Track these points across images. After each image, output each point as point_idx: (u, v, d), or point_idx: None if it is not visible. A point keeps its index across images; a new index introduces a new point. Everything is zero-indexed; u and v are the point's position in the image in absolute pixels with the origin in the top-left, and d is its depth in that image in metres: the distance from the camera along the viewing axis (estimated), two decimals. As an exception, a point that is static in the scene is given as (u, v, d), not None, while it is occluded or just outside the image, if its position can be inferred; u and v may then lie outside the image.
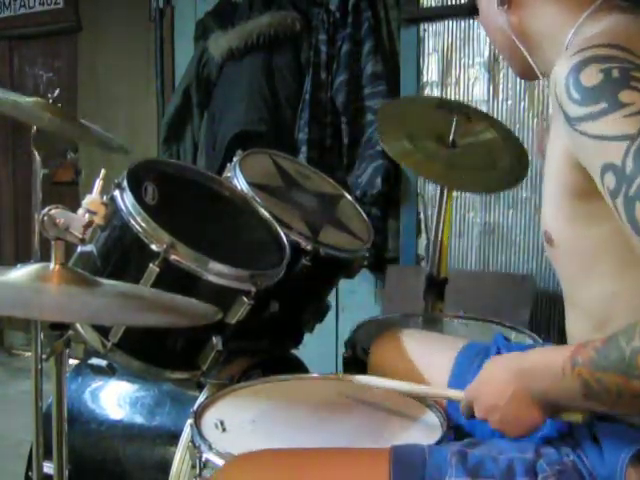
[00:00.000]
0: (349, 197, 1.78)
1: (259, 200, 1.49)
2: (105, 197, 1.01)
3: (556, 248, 0.96)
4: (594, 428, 0.94)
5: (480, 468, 0.92)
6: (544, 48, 0.99)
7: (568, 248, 0.94)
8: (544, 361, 0.89)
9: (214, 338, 1.30)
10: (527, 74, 1.07)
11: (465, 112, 1.86)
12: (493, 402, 0.94)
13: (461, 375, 1.24)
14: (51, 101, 1.53)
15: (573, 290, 0.99)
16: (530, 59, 1.02)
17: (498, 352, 1.24)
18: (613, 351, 0.78)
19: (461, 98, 2.62)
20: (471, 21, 2.57)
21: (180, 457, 1.28)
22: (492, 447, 0.98)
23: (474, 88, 2.60)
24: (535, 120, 2.49)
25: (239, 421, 1.16)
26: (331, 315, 1.71)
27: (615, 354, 0.77)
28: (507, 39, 1.02)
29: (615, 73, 0.78)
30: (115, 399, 1.47)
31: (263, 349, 1.57)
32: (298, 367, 1.61)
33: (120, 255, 1.30)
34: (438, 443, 1.06)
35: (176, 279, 1.23)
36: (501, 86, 2.55)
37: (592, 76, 0.79)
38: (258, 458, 1.01)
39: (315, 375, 1.43)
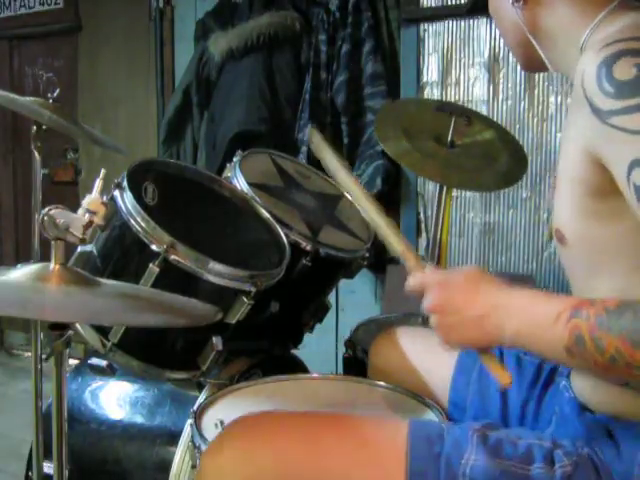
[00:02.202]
0: (349, 197, 1.78)
1: (259, 200, 1.49)
2: (105, 197, 1.02)
3: (569, 247, 0.95)
4: (610, 427, 0.93)
5: (500, 449, 0.92)
6: (558, 45, 0.98)
7: (582, 247, 0.93)
8: (533, 304, 0.86)
9: (214, 338, 1.30)
10: (534, 67, 1.06)
11: (465, 115, 1.86)
12: (454, 306, 0.91)
13: (464, 372, 1.24)
14: (51, 101, 1.53)
15: (582, 288, 0.97)
16: (543, 55, 1.00)
17: (500, 349, 1.24)
18: (628, 317, 0.76)
19: (461, 98, 2.62)
20: (471, 21, 2.57)
21: (180, 457, 1.28)
22: (510, 432, 0.98)
23: (474, 88, 2.60)
24: (535, 120, 2.49)
25: (239, 421, 1.16)
26: (331, 315, 1.71)
27: (628, 320, 0.76)
28: (520, 34, 1.01)
29: None
30: (115, 399, 1.47)
31: (263, 349, 1.57)
32: (298, 367, 1.61)
33: (120, 255, 1.30)
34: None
35: (176, 279, 1.23)
36: (501, 86, 2.55)
37: (626, 69, 0.78)
38: (272, 417, 1.01)
39: (315, 375, 1.43)
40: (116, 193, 1.26)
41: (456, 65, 2.62)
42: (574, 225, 0.92)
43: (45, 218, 0.93)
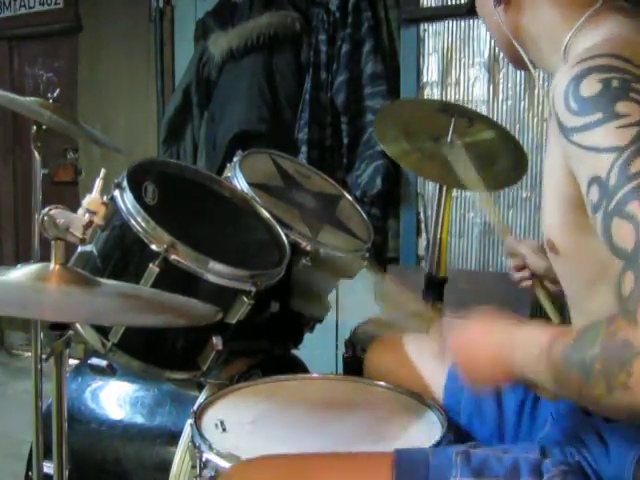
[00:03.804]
0: (349, 197, 1.78)
1: (259, 200, 1.49)
2: (105, 197, 1.01)
3: (561, 258, 0.94)
4: (600, 429, 0.93)
5: (485, 468, 0.92)
6: (541, 47, 0.99)
7: (574, 258, 0.92)
8: (528, 340, 0.86)
9: (214, 338, 1.30)
10: (523, 67, 1.06)
11: (467, 116, 1.85)
12: (471, 345, 0.93)
13: (458, 378, 1.24)
14: (51, 101, 1.53)
15: (579, 300, 0.96)
16: (526, 57, 1.01)
17: None
18: (579, 349, 0.73)
19: (461, 98, 2.62)
20: (471, 21, 2.57)
21: (180, 457, 1.28)
22: (497, 447, 0.98)
23: (474, 88, 2.60)
24: (535, 120, 2.49)
25: (239, 421, 1.16)
26: (331, 315, 1.71)
27: (579, 354, 0.73)
28: (504, 35, 1.02)
29: (615, 83, 0.76)
30: (115, 399, 1.47)
31: (263, 349, 1.57)
32: (298, 367, 1.61)
33: (120, 255, 1.30)
34: (438, 443, 1.06)
35: (176, 279, 1.23)
36: (501, 86, 2.55)
37: (591, 86, 0.77)
38: (260, 465, 1.00)
39: (315, 375, 1.43)
40: (116, 193, 1.26)
41: (456, 65, 2.62)
42: (564, 237, 0.91)
43: (45, 218, 0.93)
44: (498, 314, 0.94)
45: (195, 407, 1.20)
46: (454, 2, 2.62)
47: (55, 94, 1.55)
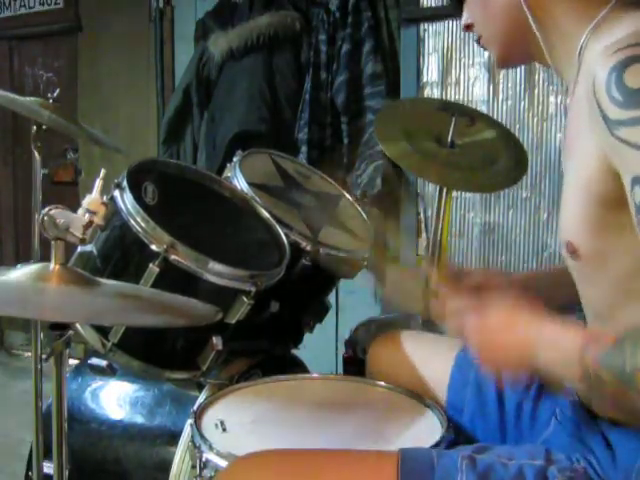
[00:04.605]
0: (349, 197, 1.78)
1: (259, 200, 1.49)
2: (105, 197, 1.01)
3: (583, 262, 0.89)
4: (607, 433, 0.93)
5: (490, 473, 0.91)
6: (554, 35, 0.94)
7: (600, 261, 0.87)
8: (557, 341, 0.85)
9: (214, 338, 1.30)
10: (512, 60, 1.04)
11: (468, 115, 1.85)
12: (493, 332, 0.92)
13: (461, 374, 1.24)
14: (51, 101, 1.53)
15: (605, 306, 0.92)
16: (542, 41, 0.94)
17: None
18: (618, 357, 0.74)
19: (461, 98, 2.62)
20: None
21: (180, 457, 1.28)
22: (501, 452, 0.97)
23: (474, 88, 2.60)
24: (535, 120, 2.49)
25: (239, 421, 1.16)
26: (331, 315, 1.71)
27: (618, 361, 0.74)
28: (513, 19, 0.95)
29: None
30: (115, 399, 1.47)
31: (263, 349, 1.57)
32: (298, 367, 1.61)
33: (120, 255, 1.30)
34: (438, 443, 1.06)
35: (176, 279, 1.23)
36: (501, 86, 2.55)
37: (636, 76, 0.74)
38: (262, 459, 1.00)
39: (315, 375, 1.43)
40: (116, 193, 1.26)
41: (456, 65, 2.62)
42: (588, 238, 0.87)
43: (45, 218, 0.93)
44: (522, 303, 0.92)
45: (195, 407, 1.20)
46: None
47: (55, 94, 1.55)
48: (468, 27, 1.04)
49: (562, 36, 0.93)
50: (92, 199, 0.98)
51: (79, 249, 1.30)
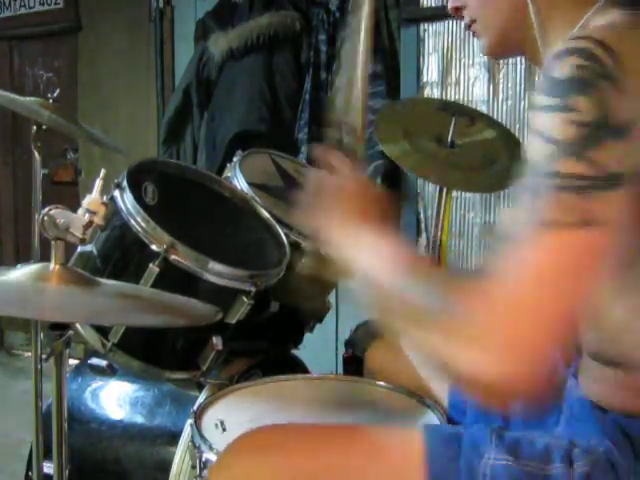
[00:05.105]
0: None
1: (259, 200, 1.49)
2: (105, 197, 1.02)
3: None
4: (625, 425, 0.91)
5: (518, 449, 0.90)
6: (548, 30, 0.92)
7: None
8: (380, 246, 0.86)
9: (214, 338, 1.30)
10: (505, 51, 1.03)
11: (468, 115, 1.85)
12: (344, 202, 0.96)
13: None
14: (51, 101, 1.53)
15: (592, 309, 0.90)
16: (538, 35, 0.93)
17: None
18: (429, 289, 0.76)
19: (461, 98, 2.62)
20: (471, 21, 2.56)
21: (180, 457, 1.28)
22: (525, 432, 0.96)
23: (474, 88, 2.60)
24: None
25: (239, 421, 1.16)
26: (331, 315, 1.71)
27: (427, 295, 0.75)
28: (514, 7, 0.93)
29: (585, 73, 0.72)
30: (115, 399, 1.47)
31: (263, 349, 1.57)
32: (298, 367, 1.60)
33: (120, 255, 1.30)
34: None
35: (176, 279, 1.23)
36: (501, 86, 2.55)
37: (564, 68, 0.73)
38: (281, 429, 1.00)
39: (315, 375, 1.43)
40: (116, 193, 1.26)
41: (456, 65, 2.62)
42: None
43: (45, 218, 0.93)
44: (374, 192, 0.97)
45: (195, 407, 1.20)
46: (454, 2, 2.61)
47: (55, 94, 1.55)
48: (457, 10, 1.02)
49: (555, 31, 0.92)
50: (92, 199, 0.99)
51: (79, 249, 1.31)
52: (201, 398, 1.31)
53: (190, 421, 1.15)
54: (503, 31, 0.98)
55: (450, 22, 2.60)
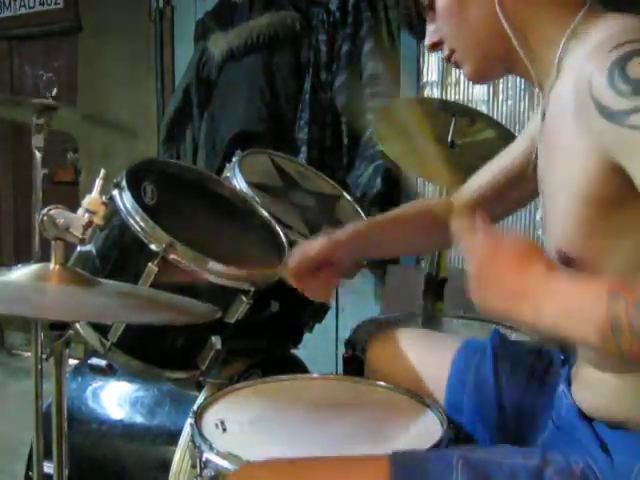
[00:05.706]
0: (348, 197, 1.78)
1: (259, 200, 1.49)
2: (104, 197, 1.02)
3: (577, 268, 0.86)
4: (603, 436, 0.92)
5: (485, 472, 0.90)
6: (532, 47, 0.92)
7: (597, 266, 0.85)
8: (574, 290, 0.79)
9: (213, 338, 1.30)
10: (487, 74, 1.01)
11: (468, 115, 1.85)
12: (496, 273, 0.84)
13: (460, 373, 1.24)
14: (51, 100, 1.53)
15: None
16: (522, 53, 0.92)
17: (494, 350, 1.23)
18: None
19: (461, 98, 2.62)
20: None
21: (180, 457, 1.28)
22: (496, 451, 0.96)
23: (474, 88, 2.60)
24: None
25: (239, 421, 1.16)
26: (331, 315, 1.71)
27: None
28: (488, 30, 0.93)
29: None
30: (115, 399, 1.47)
31: (263, 349, 1.57)
32: (298, 367, 1.61)
33: (119, 255, 1.30)
34: (438, 443, 1.06)
35: (175, 279, 1.23)
36: (501, 86, 2.55)
37: (637, 68, 0.75)
38: (255, 471, 0.99)
39: (315, 375, 1.43)
40: (115, 193, 1.26)
41: (456, 65, 2.62)
42: (584, 242, 0.85)
43: (45, 218, 0.93)
44: (537, 250, 0.85)
45: (195, 407, 1.20)
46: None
47: (54, 93, 1.55)
48: (435, 45, 1.00)
49: (541, 44, 0.92)
50: (92, 199, 0.99)
51: (78, 249, 1.31)
52: (201, 398, 1.31)
53: (190, 421, 1.15)
54: (484, 54, 0.97)
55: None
